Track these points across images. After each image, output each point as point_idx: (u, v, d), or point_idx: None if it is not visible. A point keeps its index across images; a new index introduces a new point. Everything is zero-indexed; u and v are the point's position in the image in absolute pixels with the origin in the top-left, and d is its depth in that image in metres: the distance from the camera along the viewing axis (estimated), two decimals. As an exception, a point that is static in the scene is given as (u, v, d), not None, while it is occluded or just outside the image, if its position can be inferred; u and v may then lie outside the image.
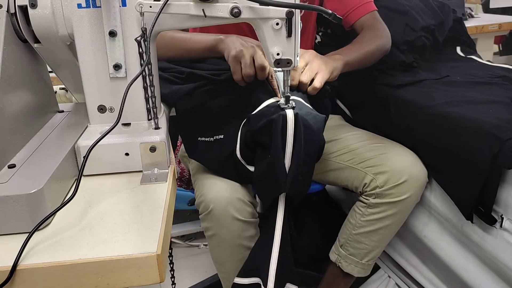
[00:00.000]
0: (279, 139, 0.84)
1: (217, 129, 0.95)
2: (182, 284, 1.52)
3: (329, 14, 0.74)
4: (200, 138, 0.97)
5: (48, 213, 0.57)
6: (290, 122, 0.84)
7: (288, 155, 0.85)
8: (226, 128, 0.93)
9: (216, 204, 0.94)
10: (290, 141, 0.84)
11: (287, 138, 0.84)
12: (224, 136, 0.93)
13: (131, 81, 0.64)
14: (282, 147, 0.85)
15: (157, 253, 0.52)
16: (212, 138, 0.95)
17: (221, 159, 0.95)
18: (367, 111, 1.30)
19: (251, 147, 0.90)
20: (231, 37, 0.99)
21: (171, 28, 0.76)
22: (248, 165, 0.93)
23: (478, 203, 0.97)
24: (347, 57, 1.04)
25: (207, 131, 0.96)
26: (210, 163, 0.98)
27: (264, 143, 0.87)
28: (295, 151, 0.85)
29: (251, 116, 0.89)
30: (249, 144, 0.90)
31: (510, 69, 1.32)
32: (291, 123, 0.83)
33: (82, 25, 0.70)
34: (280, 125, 0.84)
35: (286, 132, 0.84)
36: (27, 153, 0.67)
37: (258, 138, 0.87)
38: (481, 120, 0.97)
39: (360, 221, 1.12)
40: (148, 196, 0.65)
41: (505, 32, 2.46)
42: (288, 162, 0.86)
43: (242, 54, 0.94)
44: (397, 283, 1.31)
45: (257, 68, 0.92)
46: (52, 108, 0.85)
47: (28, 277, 0.51)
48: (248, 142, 0.90)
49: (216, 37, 1.01)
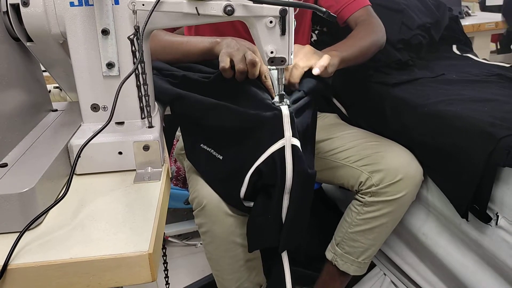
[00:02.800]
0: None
1: (218, 146, 0.93)
2: (179, 283, 1.52)
3: (323, 12, 0.74)
4: (202, 145, 0.95)
5: (40, 212, 0.56)
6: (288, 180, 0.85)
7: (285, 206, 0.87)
8: (226, 151, 0.92)
9: (209, 200, 0.94)
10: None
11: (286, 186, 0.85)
12: (223, 158, 0.92)
13: (124, 79, 0.63)
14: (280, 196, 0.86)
15: (149, 252, 0.52)
16: (213, 151, 0.94)
17: (218, 178, 0.95)
18: (363, 110, 1.30)
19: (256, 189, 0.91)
20: (227, 40, 0.99)
21: (164, 27, 0.75)
22: (245, 201, 0.93)
23: (473, 201, 0.97)
24: (343, 53, 1.03)
25: (209, 141, 0.94)
26: (207, 177, 0.97)
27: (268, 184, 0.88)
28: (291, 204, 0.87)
29: (262, 169, 0.88)
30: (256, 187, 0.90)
31: (505, 67, 1.32)
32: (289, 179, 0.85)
33: (75, 24, 0.69)
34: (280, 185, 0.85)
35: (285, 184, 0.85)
36: (19, 152, 0.67)
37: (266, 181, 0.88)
38: (476, 119, 0.97)
39: (356, 220, 1.12)
40: (141, 195, 0.65)
41: (502, 31, 2.46)
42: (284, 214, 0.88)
43: (234, 52, 0.94)
44: (392, 281, 1.31)
45: (248, 64, 0.92)
46: (46, 107, 0.85)
47: (19, 277, 0.51)
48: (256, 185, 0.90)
49: (213, 40, 1.01)
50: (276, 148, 0.84)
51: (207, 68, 1.05)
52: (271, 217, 0.88)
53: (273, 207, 0.87)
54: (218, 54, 0.97)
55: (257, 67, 0.93)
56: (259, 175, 0.87)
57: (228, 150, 0.91)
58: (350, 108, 1.36)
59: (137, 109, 0.74)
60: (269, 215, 0.88)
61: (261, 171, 0.86)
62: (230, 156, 0.91)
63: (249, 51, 0.93)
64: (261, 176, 0.87)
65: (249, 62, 0.91)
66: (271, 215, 0.88)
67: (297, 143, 0.85)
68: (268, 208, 0.88)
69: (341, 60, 1.01)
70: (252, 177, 0.87)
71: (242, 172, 0.88)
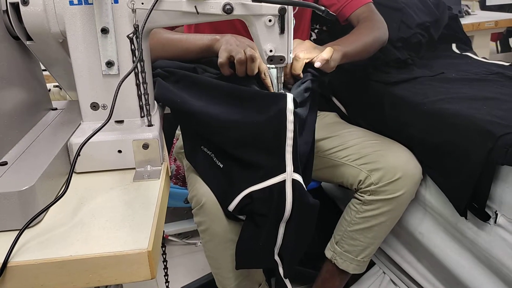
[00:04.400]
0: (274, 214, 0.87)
1: (219, 154, 0.93)
2: (179, 281, 1.52)
3: (322, 11, 0.74)
4: (203, 147, 0.95)
5: (39, 210, 0.57)
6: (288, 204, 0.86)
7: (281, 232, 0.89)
8: (227, 162, 0.91)
9: (208, 198, 0.94)
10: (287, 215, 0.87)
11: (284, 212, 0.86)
12: (224, 167, 0.92)
13: (123, 78, 0.64)
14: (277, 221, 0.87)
15: (148, 250, 0.52)
16: (214, 157, 0.93)
17: (215, 183, 0.95)
18: (362, 108, 1.30)
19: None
20: (226, 37, 0.99)
21: (164, 25, 0.76)
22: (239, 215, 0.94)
23: (472, 200, 0.97)
24: (345, 48, 1.02)
25: (210, 145, 0.94)
26: (205, 177, 0.97)
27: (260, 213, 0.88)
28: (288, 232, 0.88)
29: (256, 195, 0.88)
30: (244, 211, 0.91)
31: (505, 65, 1.32)
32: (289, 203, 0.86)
33: (74, 22, 0.69)
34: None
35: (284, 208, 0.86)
36: (19, 150, 0.67)
37: (258, 210, 0.88)
38: (475, 117, 0.97)
39: (355, 218, 1.13)
40: (140, 193, 0.65)
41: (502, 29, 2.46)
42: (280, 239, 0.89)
43: (234, 48, 0.94)
44: (392, 279, 1.31)
45: (247, 57, 0.92)
46: (45, 105, 0.85)
47: (19, 274, 0.51)
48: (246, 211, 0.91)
49: (212, 37, 1.02)
50: (276, 181, 0.85)
51: (212, 69, 1.05)
52: (262, 245, 0.90)
53: (263, 235, 0.89)
54: (217, 51, 0.97)
55: (256, 63, 0.93)
56: (251, 199, 0.87)
57: (230, 162, 0.91)
58: (350, 107, 1.36)
59: (137, 108, 0.75)
60: (260, 243, 0.90)
61: (254, 197, 0.87)
62: (230, 168, 0.91)
63: (249, 48, 0.93)
64: (252, 201, 0.87)
65: (249, 57, 0.92)
66: (262, 243, 0.89)
67: (298, 178, 0.85)
68: (258, 236, 0.89)
69: (343, 54, 1.00)
70: (243, 199, 0.88)
71: (235, 188, 0.89)
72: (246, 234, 0.92)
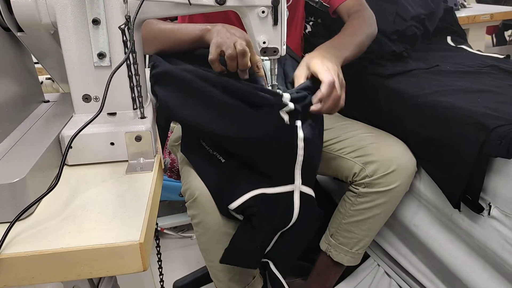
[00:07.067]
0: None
1: (221, 150, 0.92)
2: (174, 274, 1.52)
3: (315, 2, 0.74)
4: (202, 142, 0.94)
5: (30, 202, 0.56)
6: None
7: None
8: (230, 157, 0.91)
9: (201, 191, 0.94)
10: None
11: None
12: (226, 161, 0.91)
13: (114, 70, 0.63)
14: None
15: (140, 242, 0.52)
16: (213, 152, 0.92)
17: (214, 179, 0.94)
18: (357, 101, 1.30)
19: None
20: (217, 26, 0.98)
21: (156, 16, 0.75)
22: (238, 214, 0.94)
23: (465, 192, 0.97)
24: (345, 53, 1.04)
25: (209, 141, 0.93)
26: (200, 171, 0.96)
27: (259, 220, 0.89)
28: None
29: (260, 199, 0.88)
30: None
31: (499, 58, 1.32)
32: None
33: (65, 13, 0.69)
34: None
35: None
36: (10, 143, 0.67)
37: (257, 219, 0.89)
38: (469, 109, 0.97)
39: (350, 211, 1.13)
40: (133, 186, 0.65)
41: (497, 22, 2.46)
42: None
43: (224, 41, 0.92)
44: (386, 272, 1.32)
45: (238, 53, 0.90)
46: (37, 98, 0.84)
47: (10, 266, 0.51)
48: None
49: (203, 27, 1.00)
50: (284, 191, 0.86)
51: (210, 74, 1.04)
52: (256, 248, 0.91)
53: (259, 239, 0.89)
54: (209, 41, 0.96)
55: (247, 57, 0.91)
56: (256, 202, 0.87)
57: (233, 158, 0.90)
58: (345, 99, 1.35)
59: (129, 100, 0.74)
60: (256, 246, 0.90)
61: (260, 201, 0.87)
62: (234, 165, 0.90)
63: (240, 40, 0.91)
64: (257, 204, 0.87)
65: (239, 52, 0.89)
66: (259, 245, 0.90)
67: (307, 191, 0.87)
68: (254, 239, 0.90)
69: (343, 62, 1.03)
70: (248, 200, 0.88)
71: (240, 188, 0.88)
72: (242, 234, 0.92)
